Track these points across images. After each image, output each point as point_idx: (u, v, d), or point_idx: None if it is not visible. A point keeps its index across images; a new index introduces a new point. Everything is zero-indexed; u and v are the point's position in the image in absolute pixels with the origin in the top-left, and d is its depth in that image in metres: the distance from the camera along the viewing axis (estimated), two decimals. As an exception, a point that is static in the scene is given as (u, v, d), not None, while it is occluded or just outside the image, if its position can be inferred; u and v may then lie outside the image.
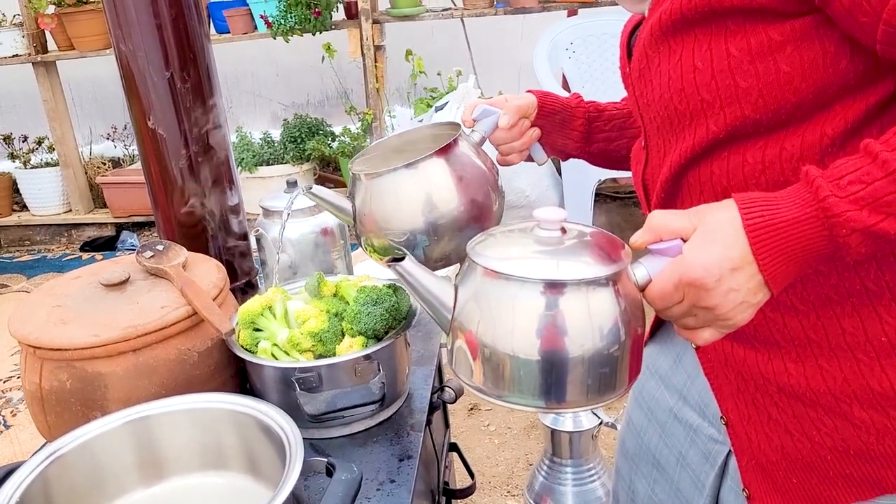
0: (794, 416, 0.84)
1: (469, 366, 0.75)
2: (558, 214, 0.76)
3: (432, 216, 0.98)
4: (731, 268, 0.68)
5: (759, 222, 0.68)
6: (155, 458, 0.95)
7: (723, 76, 0.75)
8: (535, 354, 0.70)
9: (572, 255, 0.74)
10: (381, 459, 1.01)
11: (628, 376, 0.75)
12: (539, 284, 0.70)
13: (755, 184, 0.78)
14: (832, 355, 0.80)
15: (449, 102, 3.37)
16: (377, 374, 1.02)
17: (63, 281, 1.14)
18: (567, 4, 3.81)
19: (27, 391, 1.04)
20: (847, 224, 0.65)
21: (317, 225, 1.38)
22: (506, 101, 1.10)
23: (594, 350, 0.70)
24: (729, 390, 0.92)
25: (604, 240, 0.77)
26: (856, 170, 0.66)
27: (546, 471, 1.82)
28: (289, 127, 4.27)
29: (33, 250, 4.68)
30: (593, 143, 1.15)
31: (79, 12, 4.05)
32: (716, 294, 0.69)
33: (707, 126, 0.79)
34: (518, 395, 0.73)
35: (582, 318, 0.70)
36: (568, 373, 0.71)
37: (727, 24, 0.74)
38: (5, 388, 3.07)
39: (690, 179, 0.84)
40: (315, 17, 3.76)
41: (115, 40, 1.23)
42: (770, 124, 0.76)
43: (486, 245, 0.78)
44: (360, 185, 1.03)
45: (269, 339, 1.06)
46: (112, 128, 4.83)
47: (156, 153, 1.27)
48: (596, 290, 0.70)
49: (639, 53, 0.86)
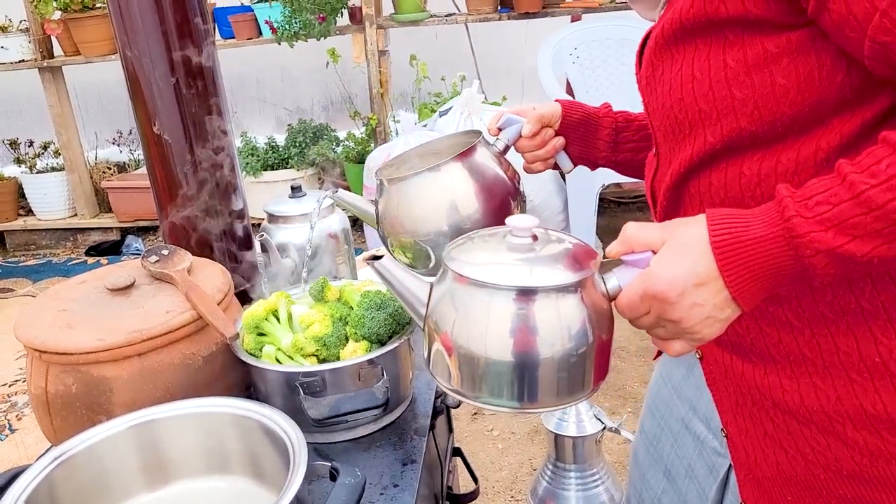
0: (788, 432, 0.84)
1: (444, 367, 0.78)
2: (529, 222, 0.78)
3: (449, 219, 1.02)
4: (695, 283, 0.69)
5: (727, 238, 0.68)
6: (160, 461, 0.95)
7: (719, 87, 0.76)
8: (505, 357, 0.73)
9: (541, 262, 0.76)
10: (385, 464, 1.01)
11: (594, 378, 0.77)
12: (506, 291, 0.73)
13: (751, 196, 0.78)
14: (826, 373, 0.79)
15: (453, 107, 3.38)
16: (381, 379, 1.02)
17: (69, 285, 1.15)
18: (571, 10, 3.82)
19: (33, 395, 1.05)
20: (811, 245, 0.65)
21: (321, 230, 1.39)
22: (531, 110, 1.11)
23: (560, 353, 0.73)
24: (729, 403, 0.91)
25: (574, 248, 0.79)
26: (824, 190, 0.66)
27: (550, 476, 1.82)
28: (293, 132, 4.28)
29: (39, 255, 4.70)
30: (620, 152, 1.14)
31: (85, 18, 4.07)
32: (679, 308, 0.70)
33: (705, 136, 0.79)
34: (490, 396, 0.76)
35: (547, 323, 0.72)
36: (533, 374, 0.74)
37: (726, 35, 0.75)
38: (11, 392, 3.08)
39: (691, 189, 0.84)
40: (319, 22, 3.78)
41: (121, 46, 1.24)
42: (767, 137, 0.75)
43: (462, 249, 0.81)
44: (383, 190, 1.08)
45: (273, 343, 1.07)
46: (118, 133, 4.85)
47: (161, 158, 1.28)
48: (561, 296, 0.73)
49: (646, 61, 0.87)
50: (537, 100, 4.26)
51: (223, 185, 1.33)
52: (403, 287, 0.84)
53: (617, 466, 2.30)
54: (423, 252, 1.05)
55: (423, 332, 0.81)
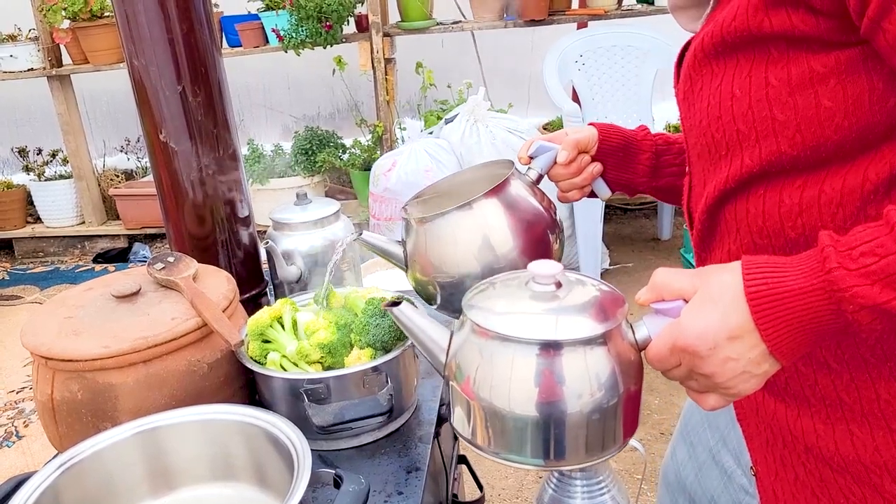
0: (821, 479, 0.79)
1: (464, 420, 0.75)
2: (553, 269, 0.74)
3: (484, 260, 0.96)
4: (727, 336, 0.65)
5: (763, 290, 0.64)
6: (164, 468, 0.96)
7: (760, 107, 0.71)
8: (529, 412, 0.70)
9: (566, 312, 0.72)
10: (389, 471, 1.01)
11: (623, 432, 0.74)
12: (529, 345, 0.69)
13: (791, 227, 0.73)
14: (864, 421, 0.74)
15: (459, 115, 3.38)
16: (385, 386, 1.02)
17: (75, 292, 1.16)
18: (576, 17, 3.82)
19: (39, 402, 1.05)
20: (854, 300, 0.60)
21: (326, 237, 1.39)
22: (565, 136, 1.06)
23: (586, 408, 0.69)
24: (759, 441, 0.86)
25: (601, 295, 0.75)
26: (871, 240, 0.61)
27: (555, 484, 1.81)
28: (300, 139, 4.30)
29: (47, 262, 4.72)
30: (661, 177, 1.08)
31: (93, 27, 4.10)
32: (711, 362, 0.66)
33: (742, 159, 0.74)
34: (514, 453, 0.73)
35: (573, 377, 0.69)
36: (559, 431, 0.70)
37: (770, 51, 0.70)
38: (18, 399, 3.09)
39: (727, 215, 0.79)
40: (326, 30, 3.79)
41: (128, 55, 1.25)
42: (809, 162, 0.70)
43: (483, 296, 0.77)
44: (411, 230, 1.01)
45: (278, 350, 1.07)
46: (125, 140, 4.88)
47: (167, 166, 1.29)
48: (587, 349, 0.69)
49: (684, 74, 0.82)
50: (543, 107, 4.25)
51: (229, 192, 1.34)
52: (424, 334, 0.80)
53: (623, 475, 2.29)
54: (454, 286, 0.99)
55: (444, 382, 0.78)
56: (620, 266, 3.62)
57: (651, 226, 4.15)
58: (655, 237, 3.98)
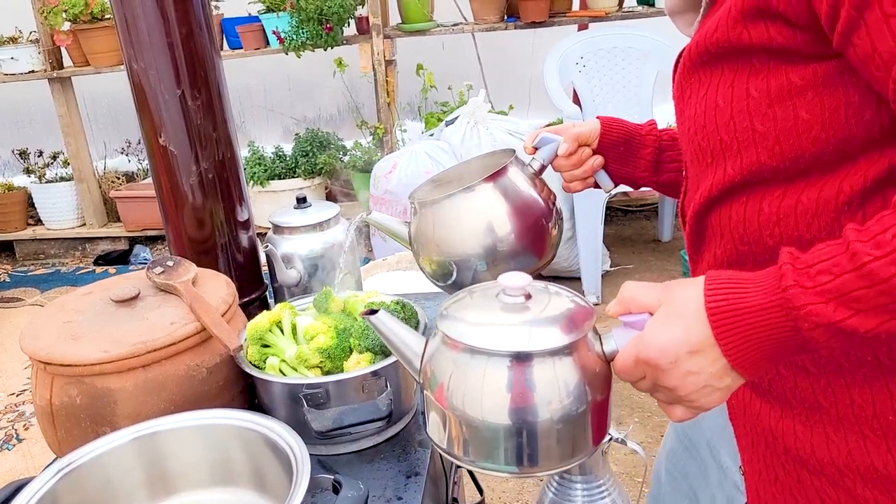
0: (798, 481, 0.80)
1: (438, 430, 0.77)
2: (522, 281, 0.76)
3: (482, 241, 1.02)
4: (688, 350, 0.66)
5: (722, 305, 0.65)
6: (163, 473, 0.95)
7: (741, 117, 0.72)
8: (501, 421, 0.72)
9: (534, 324, 0.74)
10: (389, 476, 1.01)
11: (592, 438, 0.76)
12: (496, 356, 0.71)
13: (769, 235, 0.74)
14: (839, 425, 0.76)
15: (459, 116, 3.38)
16: (385, 391, 1.02)
17: (74, 297, 1.15)
18: (577, 19, 3.82)
19: (38, 406, 1.05)
20: (809, 317, 0.61)
21: (326, 241, 1.39)
22: (570, 129, 1.08)
23: (555, 416, 0.72)
24: (746, 441, 0.88)
25: (570, 306, 0.77)
26: (828, 258, 0.61)
27: (556, 487, 1.80)
28: (300, 141, 4.30)
29: (47, 264, 4.72)
30: (663, 172, 1.10)
31: (94, 29, 4.10)
32: (673, 375, 0.67)
33: (725, 168, 0.76)
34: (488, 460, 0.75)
35: (540, 387, 0.71)
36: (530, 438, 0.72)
37: (752, 62, 0.71)
38: (18, 402, 3.09)
39: (713, 221, 0.81)
40: (326, 32, 3.79)
41: (127, 58, 1.25)
42: (788, 173, 0.72)
43: (458, 306, 0.80)
44: (415, 213, 1.08)
45: (277, 355, 1.07)
46: (126, 142, 4.88)
47: (167, 170, 1.29)
48: (554, 359, 0.71)
49: (677, 81, 0.83)
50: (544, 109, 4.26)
51: (228, 195, 1.34)
52: (400, 341, 0.82)
53: (624, 477, 2.29)
54: (455, 269, 1.05)
55: (419, 390, 0.81)
56: (621, 268, 3.62)
57: (652, 227, 4.15)
58: (656, 238, 3.98)
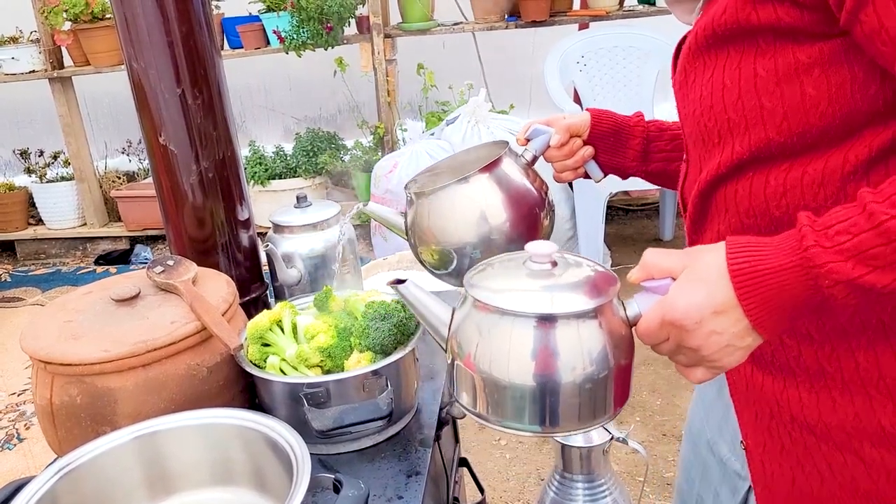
0: (806, 448, 0.83)
1: (467, 391, 0.79)
2: (549, 248, 0.79)
3: (477, 231, 1.05)
4: (712, 311, 0.69)
5: (745, 267, 0.68)
6: (163, 473, 0.95)
7: (749, 96, 0.75)
8: (527, 382, 0.74)
9: (560, 289, 0.77)
10: (389, 475, 1.01)
11: (614, 402, 0.77)
12: (526, 318, 0.73)
13: (776, 206, 0.77)
14: (845, 389, 0.78)
15: (460, 116, 3.38)
16: (385, 390, 1.02)
17: (74, 296, 1.15)
18: (578, 18, 3.82)
19: (38, 406, 1.05)
20: (830, 275, 0.64)
21: (327, 240, 1.39)
22: (560, 120, 1.12)
23: (580, 378, 0.73)
24: (749, 415, 0.90)
25: (594, 274, 0.79)
26: (846, 219, 0.65)
27: (557, 486, 1.80)
28: (301, 141, 4.30)
29: (48, 264, 4.72)
30: (651, 162, 1.14)
31: (94, 28, 4.10)
32: (697, 336, 0.70)
33: (733, 146, 0.78)
34: (512, 420, 0.77)
35: (567, 349, 0.73)
36: (554, 399, 0.74)
37: (758, 43, 0.74)
38: (19, 402, 3.09)
39: (717, 198, 0.84)
40: (327, 31, 3.79)
41: (128, 58, 1.24)
42: (796, 148, 0.74)
43: (483, 275, 0.82)
44: (412, 203, 1.10)
45: (277, 354, 1.06)
46: (127, 142, 4.88)
47: (167, 169, 1.28)
48: (580, 322, 0.73)
49: (680, 67, 0.86)
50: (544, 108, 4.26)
51: (229, 195, 1.33)
52: (427, 311, 0.84)
53: (625, 476, 2.29)
54: (451, 258, 1.08)
55: (447, 356, 0.82)
56: (622, 267, 3.61)
57: (653, 226, 4.14)
58: (657, 238, 3.97)
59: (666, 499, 2.21)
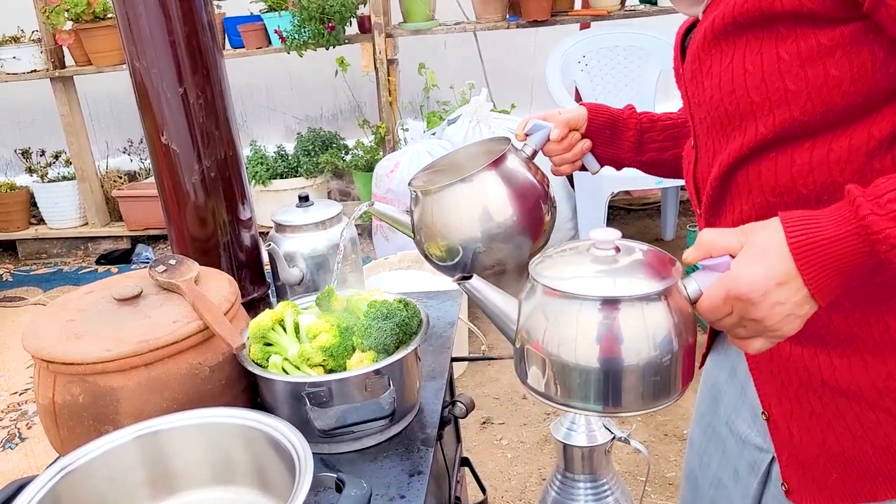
0: (837, 410, 0.87)
1: (534, 375, 0.82)
2: (612, 235, 0.81)
3: (484, 227, 1.06)
4: (776, 283, 0.72)
5: (803, 240, 0.71)
6: (166, 472, 0.95)
7: (773, 79, 0.78)
8: (594, 364, 0.76)
9: (627, 273, 0.79)
10: (392, 475, 1.01)
11: (681, 383, 0.80)
12: (597, 301, 0.76)
13: (803, 184, 0.80)
14: (877, 351, 0.83)
15: (461, 115, 3.38)
16: (387, 389, 1.02)
17: (76, 295, 1.15)
18: (579, 18, 3.82)
19: (40, 405, 1.05)
20: (887, 240, 0.68)
21: (329, 239, 1.39)
22: (557, 115, 1.15)
23: (649, 359, 0.76)
24: (773, 386, 0.94)
25: (656, 257, 0.82)
26: (893, 188, 0.69)
27: (559, 486, 1.80)
28: (302, 140, 4.29)
29: (50, 263, 4.72)
30: (645, 152, 1.18)
31: (96, 28, 4.10)
32: (762, 307, 0.73)
33: (756, 127, 0.81)
34: (579, 400, 0.79)
35: (637, 331, 0.76)
36: (624, 380, 0.77)
37: (778, 29, 0.77)
38: (21, 401, 3.09)
39: (739, 179, 0.87)
40: (328, 31, 3.79)
41: (130, 57, 1.25)
42: (818, 126, 0.78)
43: (546, 265, 0.84)
44: (416, 202, 1.11)
45: (279, 353, 1.06)
46: (128, 142, 4.88)
47: (169, 168, 1.29)
48: (649, 305, 0.76)
49: (692, 55, 0.89)
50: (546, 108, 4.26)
51: (231, 194, 1.33)
52: (493, 305, 0.86)
53: (626, 476, 2.29)
54: (458, 252, 1.09)
55: (514, 346, 0.84)
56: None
57: (654, 226, 4.14)
58: (659, 237, 3.97)
59: (668, 498, 2.21)
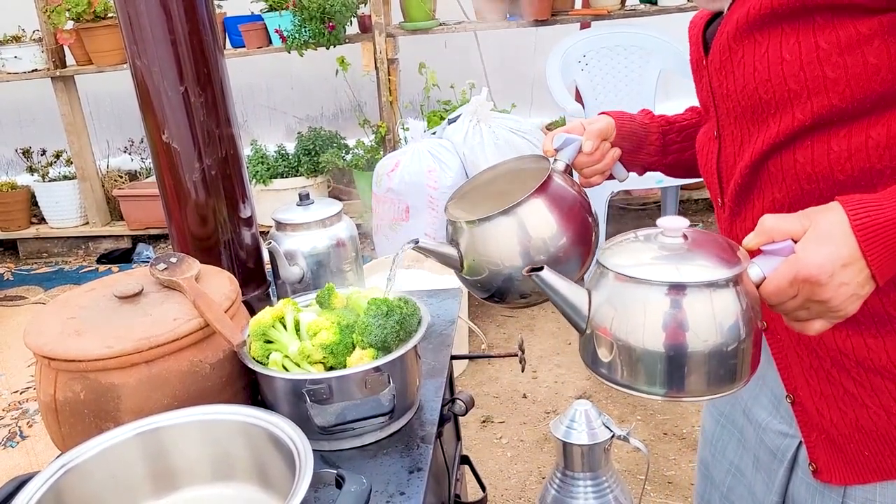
0: (871, 389, 0.89)
1: (603, 359, 0.82)
2: (680, 223, 0.82)
3: (539, 255, 1.02)
4: (842, 264, 0.74)
5: (867, 221, 0.74)
6: (166, 469, 0.96)
7: (811, 67, 0.80)
8: (663, 349, 0.77)
9: (696, 259, 0.80)
10: (391, 472, 1.01)
11: (750, 368, 0.81)
12: (667, 287, 0.77)
13: (840, 170, 0.82)
14: None
15: (462, 115, 3.38)
16: (387, 387, 1.02)
17: (77, 293, 1.16)
18: (580, 17, 3.82)
19: (42, 402, 1.05)
20: None
21: (330, 237, 1.39)
22: (584, 127, 1.14)
23: (720, 345, 0.77)
24: (799, 368, 0.96)
25: (722, 244, 0.83)
26: None
27: (558, 484, 1.81)
28: (303, 140, 4.30)
29: (51, 262, 4.73)
30: (669, 154, 1.20)
31: (97, 27, 4.11)
32: (829, 288, 0.75)
33: (793, 114, 0.83)
34: (647, 385, 0.80)
35: (708, 317, 0.76)
36: (695, 365, 0.77)
37: (815, 19, 0.79)
38: (22, 399, 3.10)
39: (772, 167, 0.89)
40: (329, 31, 3.80)
41: (131, 56, 1.25)
42: (854, 112, 0.80)
43: (614, 253, 0.84)
44: (462, 233, 1.06)
45: (280, 350, 1.07)
46: (129, 141, 4.88)
47: (170, 167, 1.29)
48: (719, 291, 0.77)
49: (720, 46, 0.90)
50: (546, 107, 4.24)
51: (231, 192, 1.34)
52: (563, 297, 0.86)
53: (626, 475, 2.29)
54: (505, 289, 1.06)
55: (584, 335, 0.85)
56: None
57: (651, 224, 4.13)
58: (659, 237, 3.97)
59: (667, 497, 2.22)
